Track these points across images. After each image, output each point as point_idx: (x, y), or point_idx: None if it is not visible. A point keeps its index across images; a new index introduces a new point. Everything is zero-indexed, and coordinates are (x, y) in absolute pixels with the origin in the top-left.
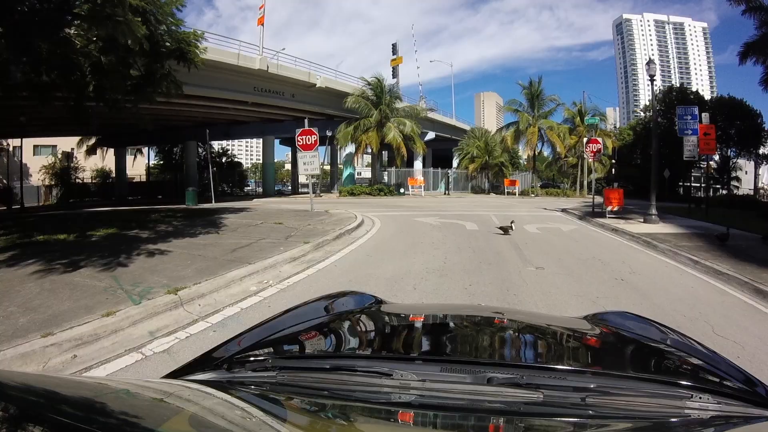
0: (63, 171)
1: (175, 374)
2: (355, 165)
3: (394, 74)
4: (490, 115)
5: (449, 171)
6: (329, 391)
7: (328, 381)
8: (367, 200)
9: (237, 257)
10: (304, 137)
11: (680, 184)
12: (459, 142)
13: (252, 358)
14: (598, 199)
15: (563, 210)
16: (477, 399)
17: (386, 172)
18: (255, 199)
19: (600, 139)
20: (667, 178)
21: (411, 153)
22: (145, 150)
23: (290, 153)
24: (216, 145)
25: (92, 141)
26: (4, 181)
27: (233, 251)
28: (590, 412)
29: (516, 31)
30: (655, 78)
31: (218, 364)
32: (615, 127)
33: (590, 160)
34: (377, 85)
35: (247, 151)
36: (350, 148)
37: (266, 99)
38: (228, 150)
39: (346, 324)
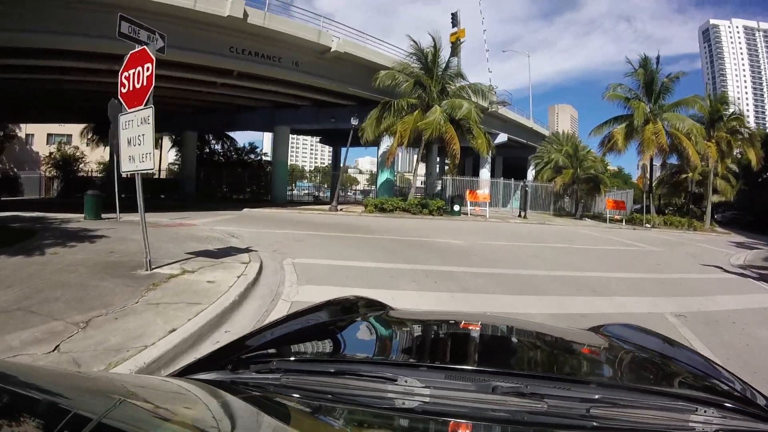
0: (64, 162)
1: (180, 373)
2: (393, 166)
3: (454, 52)
4: (564, 128)
5: (527, 183)
6: (333, 395)
7: (332, 385)
8: (395, 223)
9: None
10: (130, 71)
11: None
12: (537, 150)
13: (257, 360)
14: None
15: None
16: (481, 407)
17: (440, 181)
18: (245, 209)
19: None
20: None
21: (477, 158)
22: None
23: (330, 151)
24: (241, 140)
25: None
26: (15, 170)
27: None
28: (594, 423)
29: (591, 43)
30: None
31: (223, 364)
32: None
33: None
34: (428, 54)
35: (311, 151)
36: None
37: (251, 66)
38: (257, 147)
39: (352, 328)
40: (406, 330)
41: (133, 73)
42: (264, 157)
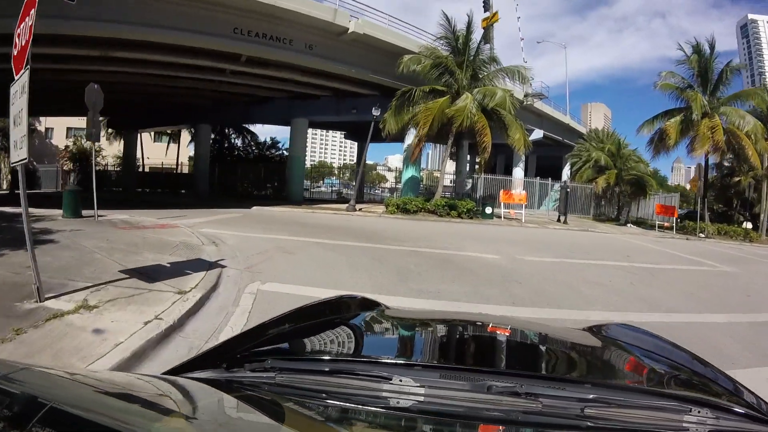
0: (80, 155)
1: (174, 371)
2: (419, 163)
3: (486, 38)
4: (597, 127)
5: (567, 183)
6: (328, 393)
7: (326, 384)
8: (418, 227)
9: None
10: (22, 26)
11: None
12: (573, 148)
13: (251, 359)
14: None
15: None
16: (476, 407)
17: (470, 180)
18: (254, 208)
19: None
20: None
21: (509, 157)
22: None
23: (356, 146)
24: (262, 134)
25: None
26: (34, 163)
27: None
28: (588, 423)
29: (625, 40)
30: None
31: (218, 363)
32: None
33: None
34: (460, 36)
35: (340, 148)
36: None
37: (259, 49)
38: (279, 142)
39: (347, 327)
40: (401, 329)
41: (23, 28)
42: (286, 153)
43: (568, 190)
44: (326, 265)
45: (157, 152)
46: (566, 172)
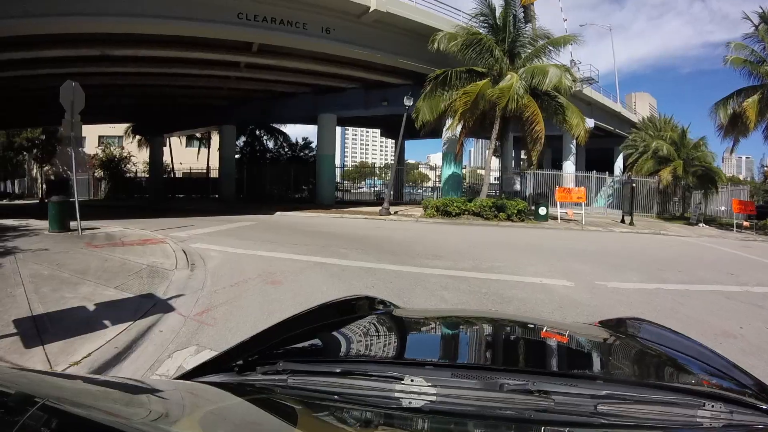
0: (109, 163)
1: (187, 375)
2: (459, 159)
3: (527, 17)
4: (643, 116)
5: (631, 177)
6: (340, 395)
7: (338, 385)
8: (460, 235)
9: None
10: None
11: None
12: (625, 139)
13: (263, 362)
14: None
15: None
16: (488, 405)
17: (518, 177)
18: (277, 213)
19: None
20: None
21: (556, 151)
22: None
23: (394, 145)
24: (293, 135)
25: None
26: (67, 172)
27: None
28: (602, 420)
29: (666, 26)
30: None
31: (230, 366)
32: None
33: None
34: (497, 15)
35: (381, 148)
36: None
37: (268, 35)
38: (312, 142)
39: (358, 328)
40: (412, 329)
41: None
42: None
43: (634, 185)
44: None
45: (188, 157)
46: (618, 165)
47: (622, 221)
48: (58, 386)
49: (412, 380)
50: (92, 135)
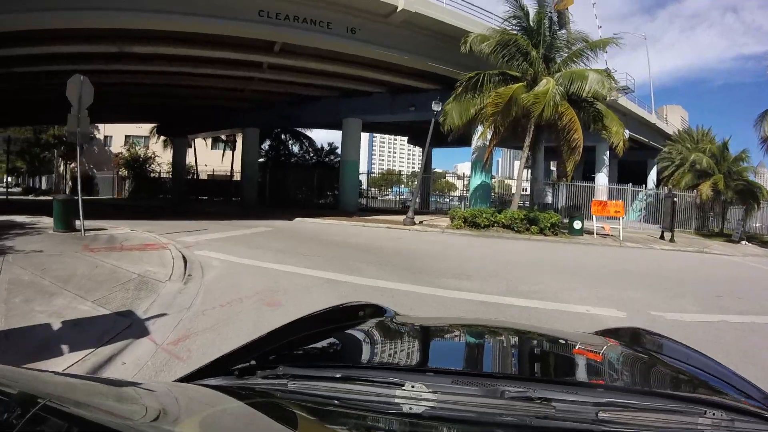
0: (134, 162)
1: (187, 378)
2: (487, 168)
3: (561, 22)
4: (675, 130)
5: (672, 191)
6: (340, 400)
7: (338, 390)
8: (490, 249)
9: None
10: None
11: None
12: (660, 152)
13: (263, 366)
14: None
15: None
16: (488, 412)
17: (550, 188)
18: (296, 219)
19: None
20: None
21: (590, 159)
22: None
23: (421, 153)
24: (319, 140)
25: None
26: (93, 170)
27: None
28: (603, 427)
29: (698, 38)
30: None
31: (230, 370)
32: None
33: None
34: (532, 19)
35: (408, 156)
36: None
37: (290, 34)
38: (338, 148)
39: (359, 334)
40: (412, 335)
41: None
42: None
43: (675, 199)
44: None
45: (213, 159)
46: (652, 178)
47: (662, 237)
48: (59, 386)
49: (412, 386)
50: (119, 134)
